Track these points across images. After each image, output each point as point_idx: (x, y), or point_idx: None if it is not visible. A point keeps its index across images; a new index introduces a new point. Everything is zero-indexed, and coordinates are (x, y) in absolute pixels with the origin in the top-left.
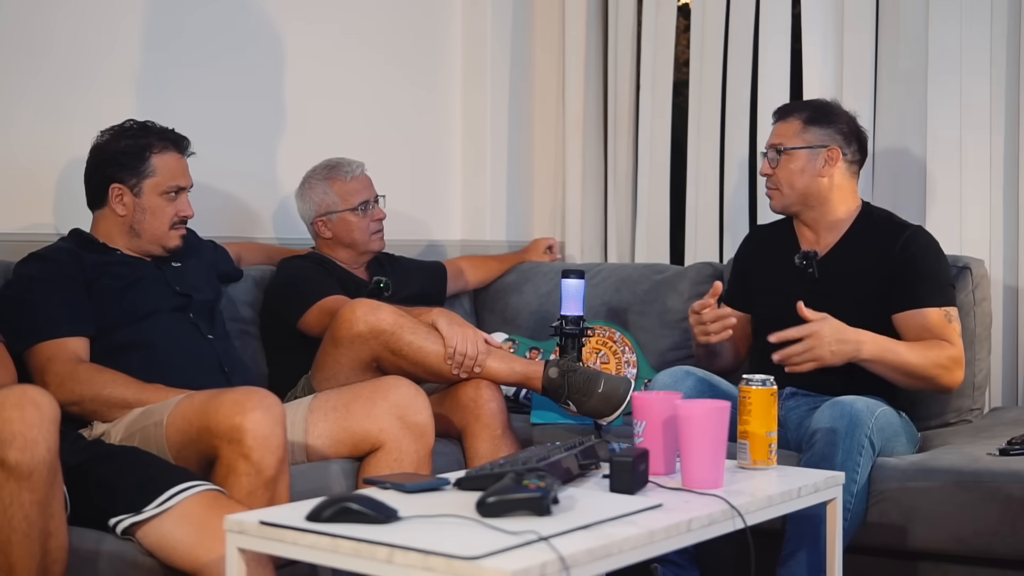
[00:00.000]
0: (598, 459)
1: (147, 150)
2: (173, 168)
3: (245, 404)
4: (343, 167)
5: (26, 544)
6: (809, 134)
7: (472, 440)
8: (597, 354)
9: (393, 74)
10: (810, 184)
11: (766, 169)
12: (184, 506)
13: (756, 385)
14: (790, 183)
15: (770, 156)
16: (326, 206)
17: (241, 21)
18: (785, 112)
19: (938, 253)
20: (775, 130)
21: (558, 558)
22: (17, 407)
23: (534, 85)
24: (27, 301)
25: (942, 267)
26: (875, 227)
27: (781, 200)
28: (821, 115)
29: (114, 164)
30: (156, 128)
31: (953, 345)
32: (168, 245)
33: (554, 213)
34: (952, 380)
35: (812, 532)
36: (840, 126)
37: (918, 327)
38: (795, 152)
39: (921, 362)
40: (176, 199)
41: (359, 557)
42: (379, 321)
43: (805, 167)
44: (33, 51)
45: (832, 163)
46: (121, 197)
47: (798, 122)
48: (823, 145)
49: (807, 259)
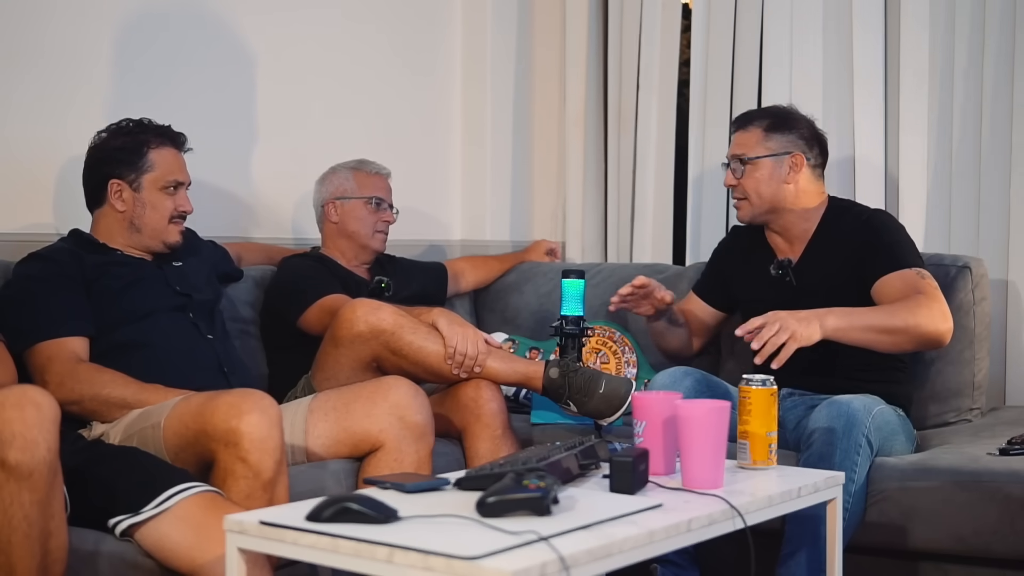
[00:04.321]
0: (598, 459)
1: (144, 146)
2: (171, 163)
3: (241, 407)
4: (371, 163)
5: (26, 544)
6: (771, 142)
7: (472, 440)
8: (597, 354)
9: (393, 74)
10: (776, 192)
11: (730, 180)
12: (182, 507)
13: (756, 385)
14: (757, 192)
15: (734, 167)
16: (342, 190)
17: (242, 21)
18: (744, 121)
19: (901, 228)
20: (736, 140)
21: (558, 558)
22: (17, 407)
23: (535, 85)
24: (27, 301)
25: (906, 238)
26: (840, 220)
27: (750, 210)
28: (781, 122)
29: (112, 161)
30: (153, 125)
31: (930, 296)
32: (168, 240)
33: (554, 213)
34: (936, 328)
35: (812, 532)
36: (801, 131)
37: (892, 289)
38: (759, 161)
39: (895, 316)
40: (175, 194)
41: (359, 557)
42: (379, 321)
43: (771, 175)
44: (31, 50)
45: (797, 169)
46: (120, 193)
47: (759, 131)
48: (786, 152)
49: (783, 268)
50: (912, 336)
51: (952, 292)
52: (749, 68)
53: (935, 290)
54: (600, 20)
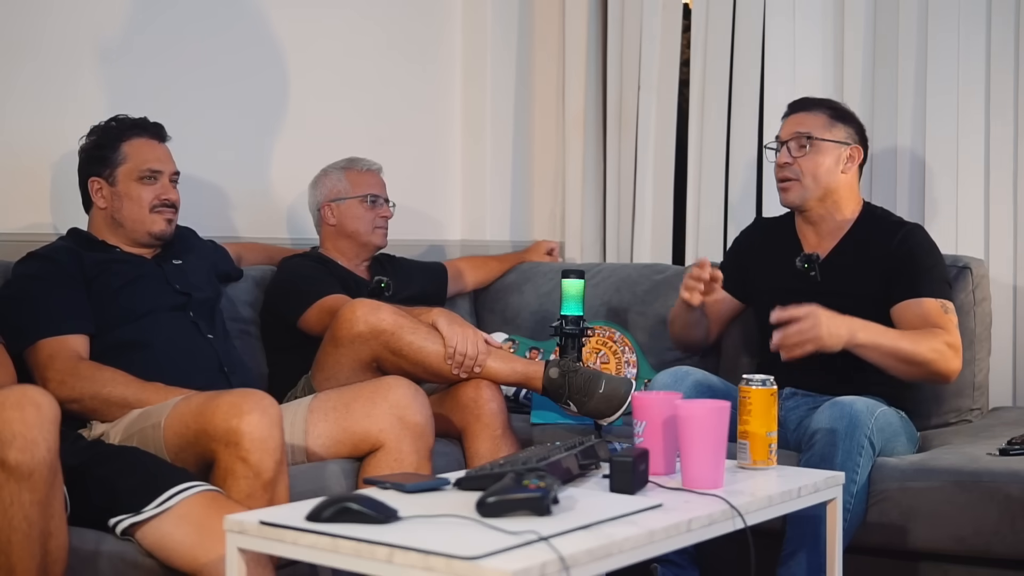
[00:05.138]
0: (598, 459)
1: (118, 140)
2: (145, 152)
3: (242, 407)
4: (361, 161)
5: (26, 544)
6: (838, 129)
7: (472, 440)
8: (597, 354)
9: (393, 74)
10: (831, 180)
11: (785, 158)
12: (183, 506)
13: (756, 385)
14: (814, 175)
15: (793, 145)
16: (336, 192)
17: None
18: (808, 104)
19: (934, 249)
20: (798, 119)
21: (558, 558)
22: (17, 407)
23: (534, 85)
24: (27, 299)
25: (938, 262)
26: (875, 226)
27: (801, 192)
28: (843, 114)
29: (90, 160)
30: (128, 120)
31: (949, 333)
32: (152, 230)
33: (554, 213)
34: (948, 367)
35: (812, 532)
36: (858, 126)
37: (914, 316)
38: (825, 144)
39: (916, 348)
40: (155, 183)
41: (359, 557)
42: (379, 321)
43: (832, 161)
44: (28, 47)
45: (853, 161)
46: (100, 190)
47: (825, 116)
48: (848, 142)
49: (809, 262)
50: (926, 370)
51: (952, 293)
52: (749, 68)
53: (954, 328)
54: (600, 20)
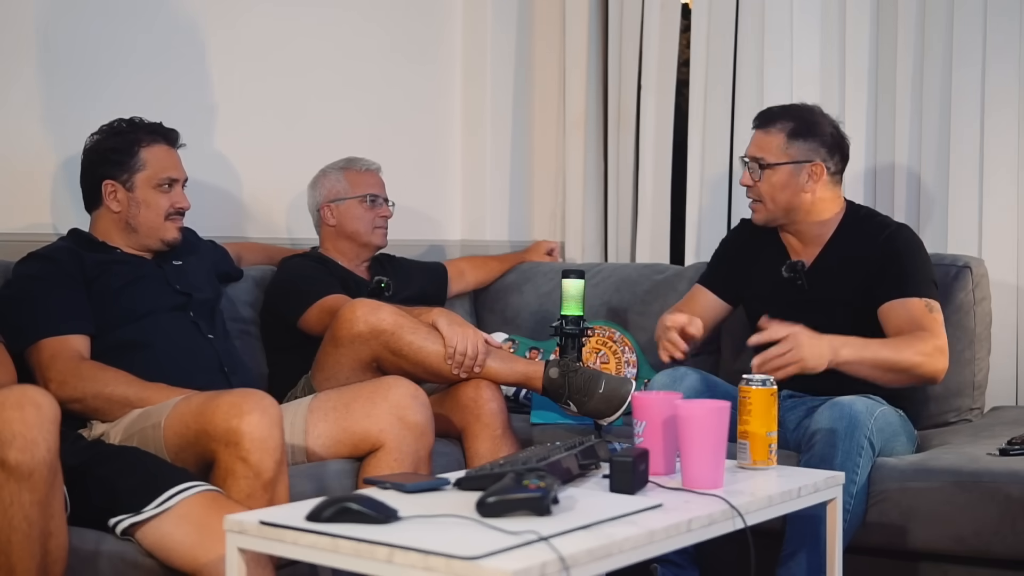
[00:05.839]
0: (598, 459)
1: (136, 145)
2: (163, 160)
3: (242, 407)
4: (360, 161)
5: (26, 544)
6: (793, 149)
7: (472, 440)
8: (597, 354)
9: (393, 74)
10: (792, 199)
11: (747, 180)
12: (184, 506)
13: (756, 385)
14: (772, 198)
15: (751, 168)
16: (335, 192)
17: (240, 17)
18: (767, 121)
19: (920, 249)
20: (756, 141)
21: (558, 558)
22: (17, 407)
23: (535, 85)
24: (27, 300)
25: (924, 262)
26: (859, 228)
27: (765, 214)
28: (805, 127)
29: (105, 162)
30: (144, 123)
31: (934, 334)
32: (166, 237)
33: (554, 213)
34: (934, 369)
35: (812, 532)
36: (824, 137)
37: (900, 316)
38: (778, 167)
39: (899, 355)
40: (170, 191)
41: (359, 557)
42: (379, 321)
43: (788, 182)
44: (28, 49)
45: (816, 178)
46: (115, 194)
47: (781, 136)
48: (807, 160)
49: (795, 270)
50: (912, 375)
51: (952, 292)
52: (749, 68)
53: (939, 326)
54: (600, 20)
